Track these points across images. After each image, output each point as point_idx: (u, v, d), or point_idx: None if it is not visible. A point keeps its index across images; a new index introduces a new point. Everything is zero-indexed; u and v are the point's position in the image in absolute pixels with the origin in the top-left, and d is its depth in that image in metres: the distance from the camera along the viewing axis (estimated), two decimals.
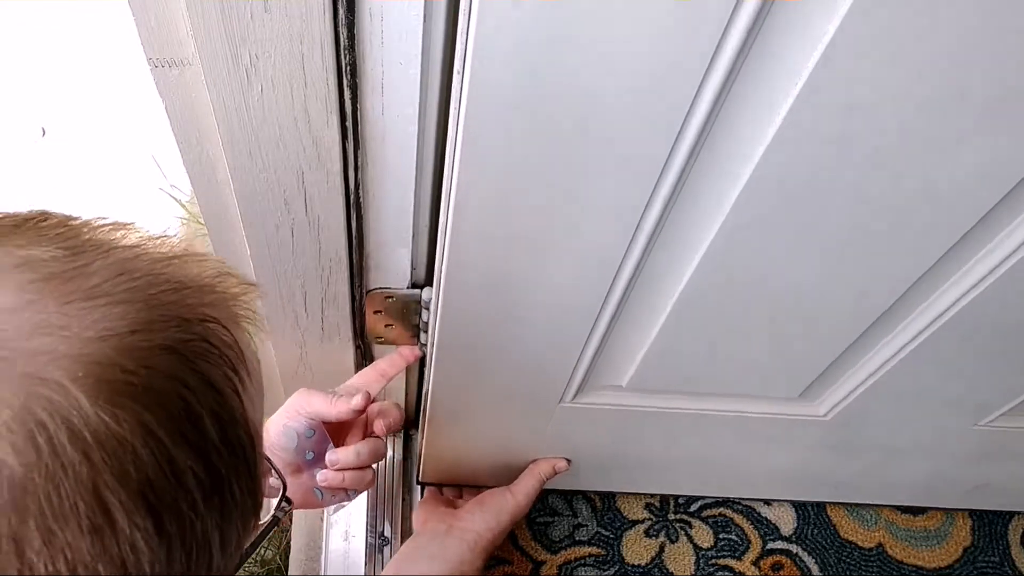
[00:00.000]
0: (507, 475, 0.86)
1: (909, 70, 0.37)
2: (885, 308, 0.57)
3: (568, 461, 0.86)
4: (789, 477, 0.93)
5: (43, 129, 1.36)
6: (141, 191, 1.27)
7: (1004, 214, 0.48)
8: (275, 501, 0.43)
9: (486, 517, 0.80)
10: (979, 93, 0.38)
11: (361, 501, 0.91)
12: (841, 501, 1.03)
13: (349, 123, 0.48)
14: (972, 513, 1.05)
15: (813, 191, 0.45)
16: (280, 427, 0.63)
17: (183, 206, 1.25)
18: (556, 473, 0.85)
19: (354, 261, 0.61)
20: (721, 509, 1.01)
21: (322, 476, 0.64)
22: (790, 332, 0.61)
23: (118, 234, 0.30)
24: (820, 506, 1.03)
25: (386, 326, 0.70)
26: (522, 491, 0.83)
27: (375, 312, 0.68)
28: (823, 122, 0.40)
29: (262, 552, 0.99)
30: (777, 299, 0.56)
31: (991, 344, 0.62)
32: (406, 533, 0.91)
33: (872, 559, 1.01)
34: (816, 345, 0.63)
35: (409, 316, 0.70)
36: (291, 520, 0.90)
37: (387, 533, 0.89)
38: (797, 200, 0.45)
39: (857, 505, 1.03)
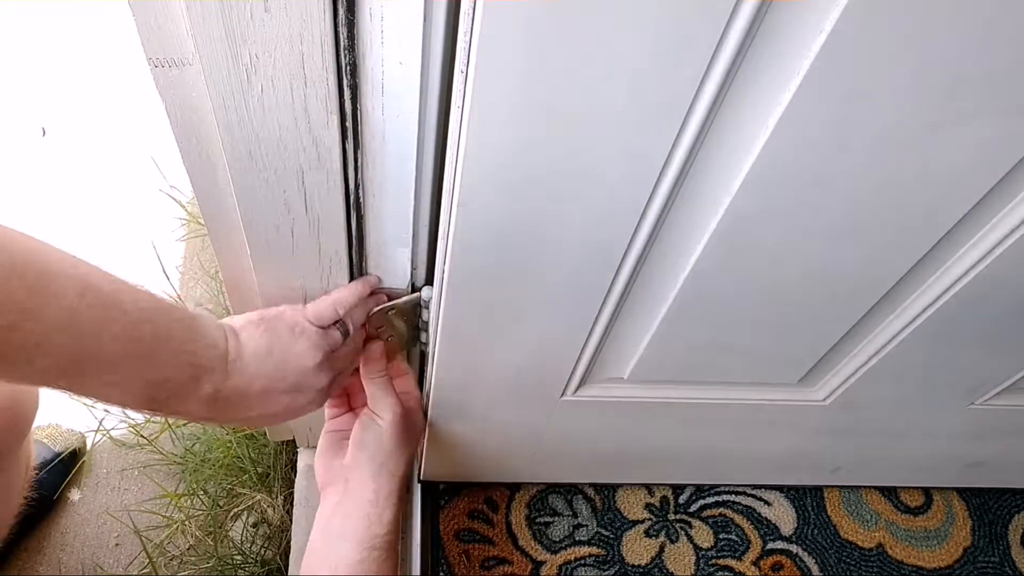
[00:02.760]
0: (509, 470, 0.86)
1: (908, 57, 0.37)
2: (884, 292, 0.58)
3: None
4: (789, 462, 0.94)
5: (43, 129, 1.36)
6: (141, 192, 1.27)
7: (997, 199, 0.49)
8: None
9: (371, 456, 0.68)
10: (975, 78, 0.38)
11: None
12: (839, 484, 1.03)
13: (349, 123, 0.48)
14: (972, 513, 1.05)
15: (815, 178, 0.45)
16: None
17: (183, 207, 1.25)
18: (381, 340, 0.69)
19: (354, 261, 0.61)
20: (721, 509, 1.01)
21: None
22: (790, 318, 0.61)
23: None
24: (820, 506, 1.03)
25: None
26: (382, 407, 0.69)
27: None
28: (824, 109, 0.40)
29: (262, 552, 0.99)
30: (778, 286, 0.56)
31: (986, 326, 0.63)
32: (406, 533, 0.91)
33: (872, 559, 1.01)
34: (816, 331, 0.64)
35: (409, 315, 0.70)
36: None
37: None
38: (799, 187, 0.46)
39: (857, 499, 1.03)
